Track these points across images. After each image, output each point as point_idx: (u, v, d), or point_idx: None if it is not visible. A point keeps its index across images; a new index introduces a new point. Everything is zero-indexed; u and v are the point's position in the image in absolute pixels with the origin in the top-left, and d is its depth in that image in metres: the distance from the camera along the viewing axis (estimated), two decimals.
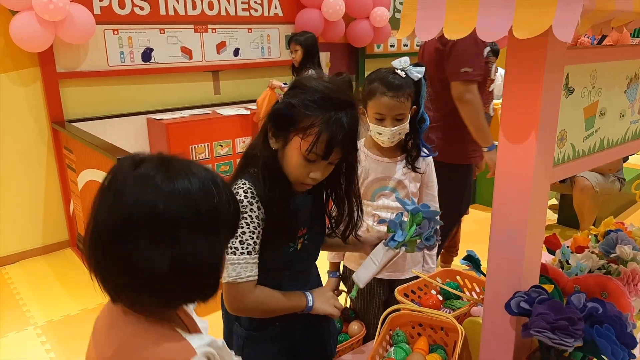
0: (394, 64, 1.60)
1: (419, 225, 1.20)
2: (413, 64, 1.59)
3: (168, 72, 3.91)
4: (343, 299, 1.79)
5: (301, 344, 1.27)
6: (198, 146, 3.70)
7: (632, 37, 4.27)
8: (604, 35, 4.84)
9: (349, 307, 1.84)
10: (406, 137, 1.64)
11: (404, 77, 1.56)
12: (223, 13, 4.09)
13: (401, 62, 1.59)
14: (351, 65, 5.25)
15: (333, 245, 1.35)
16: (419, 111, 1.61)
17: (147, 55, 3.77)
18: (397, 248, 1.21)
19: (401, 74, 1.56)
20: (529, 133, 0.85)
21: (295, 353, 1.27)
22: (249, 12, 4.25)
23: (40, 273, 3.30)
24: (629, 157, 4.01)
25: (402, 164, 1.68)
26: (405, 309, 1.28)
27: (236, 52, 4.27)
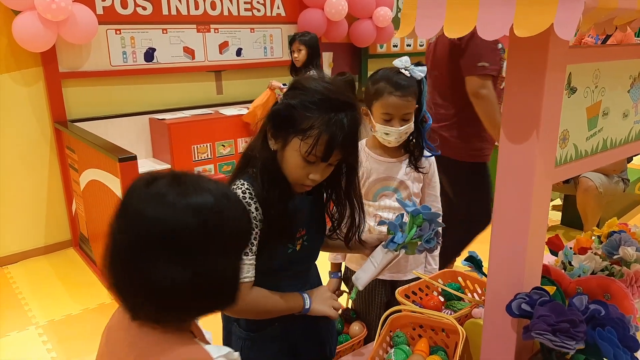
0: (396, 63, 1.60)
1: (420, 227, 1.19)
2: (414, 64, 1.59)
3: (170, 72, 3.90)
4: (344, 299, 1.78)
5: (301, 345, 1.26)
6: (200, 146, 3.71)
7: (635, 36, 4.24)
8: (608, 35, 4.82)
9: (350, 307, 1.83)
10: (409, 136, 1.64)
11: (409, 76, 1.57)
12: (225, 13, 4.09)
13: (403, 62, 1.59)
14: (354, 65, 5.24)
15: (333, 246, 1.34)
16: (421, 110, 1.61)
17: (149, 55, 3.77)
18: (396, 250, 1.20)
19: (405, 73, 1.57)
20: (530, 133, 0.84)
21: (295, 353, 1.27)
22: (251, 12, 4.25)
23: (42, 273, 3.30)
24: (633, 157, 3.99)
25: (405, 163, 1.68)
26: (406, 310, 1.27)
27: (239, 52, 4.26)
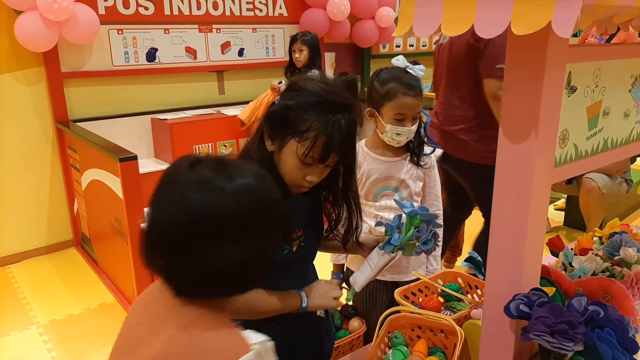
0: (397, 63, 1.60)
1: (417, 229, 1.18)
2: (411, 62, 1.59)
3: (172, 72, 3.90)
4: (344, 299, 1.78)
5: (299, 345, 1.26)
6: (202, 146, 3.71)
7: (639, 36, 4.21)
8: (612, 34, 4.79)
9: (350, 304, 1.83)
10: None
11: (415, 75, 1.58)
12: (228, 13, 4.09)
13: (401, 61, 1.59)
14: (356, 65, 5.23)
15: (331, 247, 1.33)
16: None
17: (151, 55, 3.77)
18: (393, 252, 1.18)
19: (411, 72, 1.58)
20: (529, 132, 0.83)
21: (294, 353, 1.26)
22: (253, 12, 4.24)
23: (44, 272, 3.30)
24: (637, 158, 3.96)
25: (406, 161, 1.68)
26: (405, 311, 1.26)
27: (241, 52, 4.26)
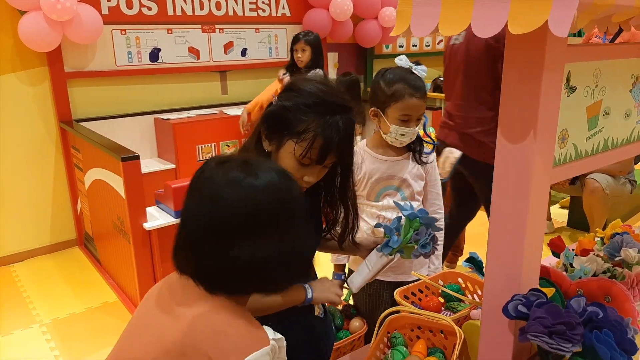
0: (400, 63, 1.60)
1: (416, 232, 1.17)
2: (413, 62, 1.60)
3: (175, 72, 3.92)
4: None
5: (298, 344, 1.25)
6: (205, 146, 3.72)
7: None
8: (616, 34, 4.76)
9: (351, 303, 1.83)
10: None
11: (419, 76, 1.59)
12: (230, 13, 4.10)
13: (406, 61, 1.59)
14: (359, 65, 5.23)
15: (330, 247, 1.33)
16: None
17: (154, 55, 3.78)
18: (391, 254, 1.17)
19: (416, 73, 1.59)
20: (527, 132, 0.83)
21: (292, 353, 1.26)
22: (256, 12, 4.25)
23: (47, 271, 3.32)
24: None
25: (409, 160, 1.69)
26: (404, 311, 1.26)
27: (243, 52, 4.27)
